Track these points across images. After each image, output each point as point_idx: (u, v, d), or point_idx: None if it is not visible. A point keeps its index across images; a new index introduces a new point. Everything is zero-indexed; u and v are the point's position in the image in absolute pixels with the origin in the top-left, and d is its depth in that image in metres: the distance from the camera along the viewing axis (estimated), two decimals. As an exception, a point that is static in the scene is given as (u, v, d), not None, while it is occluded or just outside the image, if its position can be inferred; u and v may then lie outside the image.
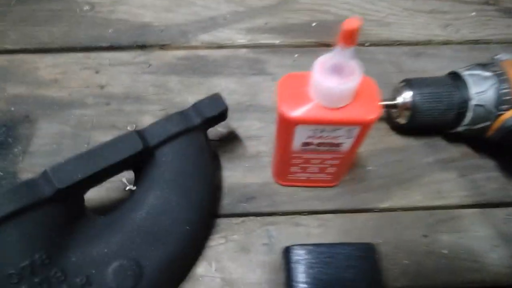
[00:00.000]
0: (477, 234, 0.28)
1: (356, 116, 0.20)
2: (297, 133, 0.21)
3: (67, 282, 0.20)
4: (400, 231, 0.28)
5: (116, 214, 0.24)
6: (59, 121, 0.35)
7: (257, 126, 0.34)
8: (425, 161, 0.32)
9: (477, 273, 0.26)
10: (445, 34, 0.41)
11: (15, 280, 0.19)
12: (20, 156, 0.32)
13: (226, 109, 0.27)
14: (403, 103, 0.30)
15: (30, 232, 0.20)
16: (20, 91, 0.37)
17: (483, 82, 0.28)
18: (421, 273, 0.26)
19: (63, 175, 0.20)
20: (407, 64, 0.38)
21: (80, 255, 0.21)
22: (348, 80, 0.18)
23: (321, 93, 0.19)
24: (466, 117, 0.28)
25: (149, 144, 0.23)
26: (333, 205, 0.29)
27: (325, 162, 0.25)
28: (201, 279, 0.26)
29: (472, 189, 0.30)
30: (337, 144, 0.23)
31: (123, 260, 0.22)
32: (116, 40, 0.40)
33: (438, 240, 0.28)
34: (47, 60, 0.39)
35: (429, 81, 0.29)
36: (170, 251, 0.23)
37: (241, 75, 0.38)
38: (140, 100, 0.36)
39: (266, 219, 0.29)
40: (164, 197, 0.24)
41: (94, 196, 0.30)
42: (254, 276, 0.26)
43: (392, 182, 0.31)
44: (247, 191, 0.30)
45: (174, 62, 0.39)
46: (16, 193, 0.19)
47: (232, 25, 0.42)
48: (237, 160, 0.32)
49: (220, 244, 0.28)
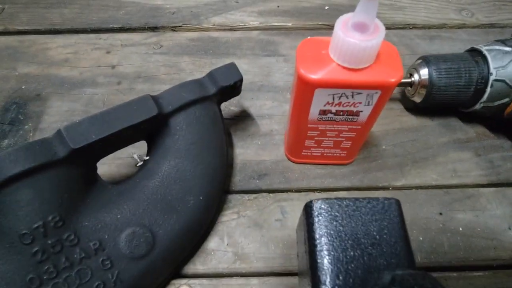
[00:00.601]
0: (494, 213, 0.27)
1: (378, 78, 0.19)
2: (316, 98, 0.21)
3: (80, 246, 0.20)
4: (415, 209, 0.28)
5: (130, 183, 0.23)
6: (70, 99, 0.34)
7: (270, 105, 0.34)
8: (440, 141, 0.31)
9: (493, 250, 0.26)
10: (460, 18, 0.41)
11: (28, 241, 0.19)
12: (30, 132, 0.32)
13: (241, 79, 0.26)
14: (419, 80, 0.29)
15: (44, 192, 0.19)
16: (31, 70, 0.36)
17: (503, 56, 0.27)
18: (436, 250, 0.26)
19: (78, 136, 0.20)
20: (421, 47, 0.38)
21: (94, 220, 0.21)
22: (371, 37, 0.18)
23: (343, 52, 0.18)
24: (485, 93, 0.28)
25: (164, 111, 0.23)
26: (347, 183, 0.29)
27: (341, 134, 0.25)
28: (213, 253, 0.26)
29: (488, 169, 0.30)
30: (356, 113, 0.22)
31: (136, 227, 0.22)
32: (128, 22, 0.40)
33: (453, 218, 0.27)
34: (58, 40, 0.39)
35: (446, 57, 0.29)
36: (183, 220, 0.23)
37: (254, 56, 0.37)
38: (152, 79, 0.36)
39: (278, 196, 0.28)
40: (177, 166, 0.23)
41: (105, 171, 0.29)
42: (268, 251, 0.26)
43: (407, 161, 0.30)
44: (259, 168, 0.30)
45: (186, 43, 0.38)
46: (29, 151, 0.19)
47: (244, 8, 0.41)
48: (250, 138, 0.31)
49: (232, 220, 0.27)
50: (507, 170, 0.30)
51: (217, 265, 0.25)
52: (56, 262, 0.19)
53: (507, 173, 0.29)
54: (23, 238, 0.19)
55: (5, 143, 0.31)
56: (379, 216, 0.14)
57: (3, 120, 0.33)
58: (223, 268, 0.25)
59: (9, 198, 0.18)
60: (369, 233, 0.13)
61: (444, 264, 0.25)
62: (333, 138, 0.26)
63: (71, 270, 0.19)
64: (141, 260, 0.21)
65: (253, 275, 0.25)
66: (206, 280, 0.25)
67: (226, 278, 0.25)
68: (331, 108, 0.22)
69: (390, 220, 0.14)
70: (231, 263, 0.25)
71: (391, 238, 0.13)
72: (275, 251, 0.26)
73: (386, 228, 0.14)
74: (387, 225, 0.14)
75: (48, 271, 0.19)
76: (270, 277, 0.25)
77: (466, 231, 0.27)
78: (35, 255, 0.19)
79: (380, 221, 0.14)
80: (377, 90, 0.20)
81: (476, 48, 0.29)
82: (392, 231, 0.14)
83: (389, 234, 0.13)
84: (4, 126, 0.32)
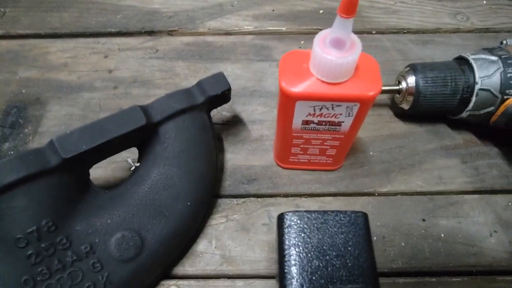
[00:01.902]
0: (476, 220, 0.28)
1: (355, 92, 0.20)
2: (297, 109, 0.22)
3: (72, 249, 0.21)
4: (398, 215, 0.28)
5: (120, 188, 0.24)
6: (69, 103, 0.35)
7: (261, 110, 0.34)
8: (427, 148, 0.32)
9: (473, 257, 0.26)
10: (455, 22, 0.41)
11: (22, 244, 0.20)
12: (30, 136, 0.33)
13: (229, 88, 0.27)
14: (406, 88, 0.30)
15: (37, 199, 0.20)
16: (31, 74, 0.38)
17: (489, 66, 0.28)
18: (418, 255, 0.26)
19: (69, 146, 0.21)
20: (414, 52, 0.38)
21: (85, 225, 0.22)
22: (348, 53, 0.18)
23: (321, 67, 0.19)
24: (471, 102, 0.28)
25: (153, 120, 0.24)
26: (333, 188, 0.30)
27: (325, 143, 0.26)
28: (201, 256, 0.27)
29: (473, 176, 0.30)
30: (337, 123, 0.23)
31: (126, 231, 0.23)
32: (125, 26, 0.41)
33: (436, 225, 0.28)
34: (57, 44, 0.40)
35: (434, 65, 0.29)
36: (171, 225, 0.24)
37: (247, 61, 0.38)
38: (147, 84, 0.37)
39: (266, 201, 0.29)
40: (166, 172, 0.24)
41: (100, 175, 0.31)
42: (254, 254, 0.27)
43: (393, 167, 0.31)
44: (249, 173, 0.31)
45: (181, 48, 0.39)
46: (23, 161, 0.20)
47: (239, 11, 0.42)
48: (240, 143, 0.32)
49: (220, 223, 0.28)
50: (492, 177, 0.30)
51: (205, 267, 0.26)
52: (49, 265, 0.20)
53: (492, 181, 0.30)
54: (18, 242, 0.20)
55: (5, 146, 0.33)
56: (345, 229, 0.15)
57: (4, 123, 0.34)
58: (211, 270, 0.26)
59: (4, 205, 0.20)
60: (335, 245, 0.14)
61: (424, 269, 0.26)
62: (318, 146, 0.26)
63: (64, 272, 0.21)
64: (130, 262, 0.22)
65: (239, 277, 0.26)
66: (194, 281, 0.26)
67: (213, 279, 0.26)
68: (313, 118, 0.23)
69: (355, 232, 0.15)
70: (218, 265, 0.26)
71: (355, 250, 0.14)
72: (260, 255, 0.27)
73: (351, 241, 0.14)
74: (352, 238, 0.14)
75: (41, 273, 0.20)
76: (255, 279, 0.26)
77: (447, 237, 0.27)
78: (29, 257, 0.20)
79: (346, 234, 0.15)
80: (356, 103, 0.21)
81: (463, 57, 0.29)
82: (356, 244, 0.14)
83: (354, 247, 0.14)
84: (5, 130, 0.34)
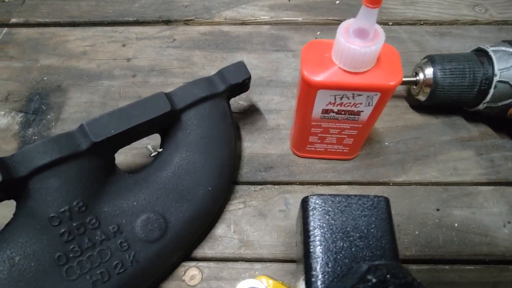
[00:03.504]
0: (490, 210, 0.28)
1: (377, 82, 0.21)
2: (318, 98, 0.22)
3: (101, 229, 0.22)
4: (413, 204, 0.29)
5: (144, 173, 0.25)
6: (89, 91, 0.36)
7: (277, 100, 0.35)
8: (443, 139, 0.32)
9: (486, 246, 0.27)
10: (473, 14, 0.40)
11: (56, 223, 0.21)
12: (53, 122, 0.35)
13: (249, 77, 0.28)
14: (423, 80, 0.30)
15: (69, 180, 0.21)
16: (51, 62, 0.38)
17: (508, 58, 0.28)
18: (431, 243, 0.27)
19: (98, 130, 0.22)
20: (431, 44, 0.38)
21: (112, 206, 0.23)
22: (371, 43, 0.19)
23: (344, 57, 0.20)
24: (489, 94, 0.28)
25: (176, 107, 0.24)
26: (349, 177, 0.30)
27: (343, 132, 0.26)
28: (220, 239, 0.28)
29: (488, 168, 0.30)
30: (357, 112, 0.23)
31: (150, 214, 0.24)
32: (142, 15, 0.41)
33: (450, 214, 0.28)
34: (76, 33, 0.41)
35: (452, 57, 0.29)
36: (192, 208, 0.25)
37: (263, 51, 0.38)
38: (165, 73, 0.37)
39: (283, 188, 0.30)
40: (188, 158, 0.25)
41: (122, 161, 0.32)
42: (270, 238, 0.28)
43: (409, 158, 0.31)
44: (266, 161, 0.31)
45: (198, 37, 0.40)
46: (56, 144, 0.21)
47: (255, 1, 0.42)
48: (257, 132, 0.33)
49: (239, 209, 0.29)
50: (507, 169, 0.30)
51: (223, 250, 0.27)
52: (80, 243, 0.21)
53: (507, 173, 0.30)
54: (51, 220, 0.21)
55: (30, 131, 0.34)
56: (368, 212, 0.15)
57: (28, 109, 0.35)
58: (229, 253, 0.27)
59: (39, 185, 0.21)
60: (358, 227, 0.15)
61: (437, 257, 0.27)
62: (335, 135, 0.27)
63: (94, 250, 0.22)
64: (155, 243, 0.23)
65: (256, 260, 0.27)
66: (214, 263, 0.27)
67: (232, 262, 0.27)
68: (333, 107, 0.23)
69: (378, 216, 0.15)
70: (236, 248, 0.27)
71: (378, 232, 0.15)
72: (277, 240, 0.28)
73: (374, 223, 0.15)
74: (375, 221, 0.15)
75: (73, 250, 0.21)
76: (272, 263, 0.27)
77: (461, 227, 0.28)
78: (62, 235, 0.21)
79: (369, 217, 0.15)
80: (376, 92, 0.21)
81: (482, 48, 0.29)
82: (379, 226, 0.15)
83: (376, 229, 0.15)
84: (29, 115, 0.35)
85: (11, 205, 0.22)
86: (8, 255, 0.20)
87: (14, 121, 0.34)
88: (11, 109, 0.35)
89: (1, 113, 0.35)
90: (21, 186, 0.21)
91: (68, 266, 0.21)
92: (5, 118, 0.34)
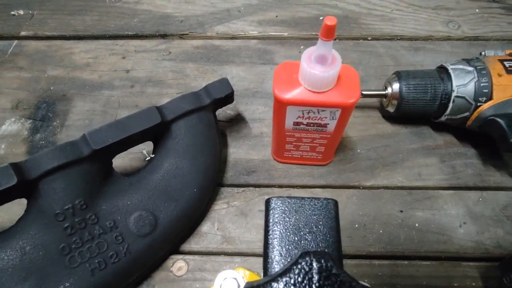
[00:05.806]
0: (449, 212, 0.31)
1: (337, 100, 0.24)
2: (289, 112, 0.25)
3: (99, 224, 0.26)
4: (379, 206, 0.32)
5: (138, 176, 0.29)
6: (91, 100, 0.40)
7: (262, 110, 0.38)
8: (410, 147, 0.35)
9: (442, 244, 0.30)
10: (446, 30, 0.43)
11: (61, 218, 0.25)
12: (58, 128, 0.38)
13: (232, 92, 0.31)
14: (391, 93, 0.33)
15: (72, 182, 0.25)
16: (58, 72, 0.42)
17: (465, 75, 0.31)
18: (393, 241, 0.30)
19: (98, 139, 0.25)
20: (406, 58, 0.41)
21: (109, 204, 0.27)
22: (329, 68, 0.22)
23: (307, 79, 0.23)
24: (448, 108, 0.32)
25: (166, 119, 0.28)
26: (323, 181, 0.34)
27: (314, 141, 0.30)
28: (205, 235, 0.31)
29: (449, 174, 0.33)
30: (323, 125, 0.27)
31: (142, 211, 0.27)
32: (141, 29, 0.45)
33: (412, 216, 0.31)
34: (80, 46, 0.44)
35: (416, 73, 0.33)
36: (180, 208, 0.28)
37: (251, 64, 0.42)
38: (160, 84, 0.41)
39: (263, 190, 0.33)
40: (177, 163, 0.29)
41: (120, 164, 0.35)
42: (250, 235, 0.31)
43: (378, 164, 0.34)
44: (248, 166, 0.35)
45: (191, 51, 0.43)
46: (62, 151, 0.24)
47: (245, 17, 0.46)
48: (242, 139, 0.36)
49: (222, 209, 0.32)
50: (466, 175, 0.33)
51: (208, 245, 0.31)
52: (81, 236, 0.25)
53: (466, 178, 0.33)
54: (57, 216, 0.24)
55: (37, 136, 0.37)
56: (318, 212, 0.18)
57: (36, 116, 0.39)
58: (213, 247, 0.31)
59: (47, 186, 0.24)
60: (308, 224, 0.18)
61: (398, 253, 0.30)
62: (308, 144, 0.30)
63: (92, 242, 0.25)
64: (146, 237, 0.27)
65: (237, 254, 0.30)
66: (198, 257, 0.30)
67: (215, 255, 0.30)
68: (303, 120, 0.27)
69: (326, 215, 0.18)
70: (219, 244, 0.31)
71: (325, 228, 0.18)
72: (256, 236, 0.31)
73: (322, 221, 0.18)
74: (323, 219, 0.18)
75: (75, 242, 0.25)
76: (251, 257, 0.30)
77: (421, 227, 0.31)
78: (66, 229, 0.25)
79: (318, 216, 0.18)
80: (338, 108, 0.25)
81: (444, 66, 0.33)
82: (326, 224, 0.18)
83: (323, 226, 0.18)
84: (36, 122, 0.38)
85: (22, 203, 0.26)
86: (20, 245, 0.24)
87: (23, 127, 0.38)
88: (21, 116, 0.38)
89: (12, 120, 0.38)
90: (32, 187, 0.24)
91: (70, 255, 0.24)
92: (15, 124, 0.38)
